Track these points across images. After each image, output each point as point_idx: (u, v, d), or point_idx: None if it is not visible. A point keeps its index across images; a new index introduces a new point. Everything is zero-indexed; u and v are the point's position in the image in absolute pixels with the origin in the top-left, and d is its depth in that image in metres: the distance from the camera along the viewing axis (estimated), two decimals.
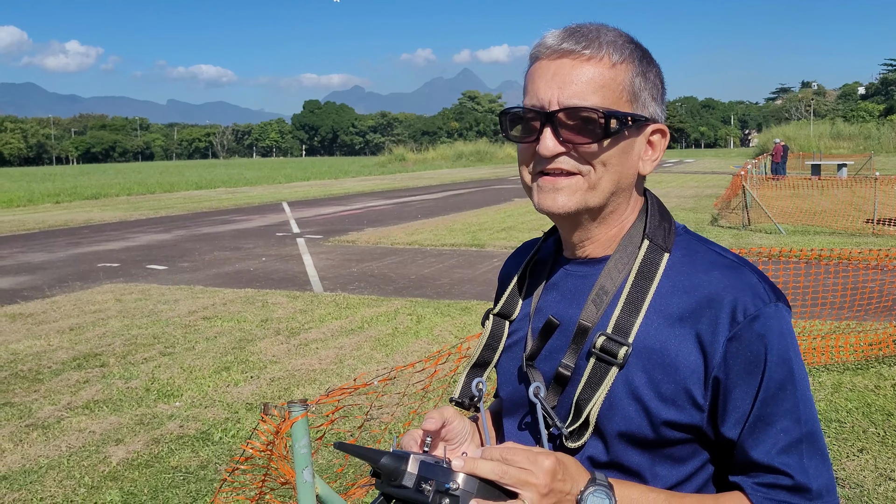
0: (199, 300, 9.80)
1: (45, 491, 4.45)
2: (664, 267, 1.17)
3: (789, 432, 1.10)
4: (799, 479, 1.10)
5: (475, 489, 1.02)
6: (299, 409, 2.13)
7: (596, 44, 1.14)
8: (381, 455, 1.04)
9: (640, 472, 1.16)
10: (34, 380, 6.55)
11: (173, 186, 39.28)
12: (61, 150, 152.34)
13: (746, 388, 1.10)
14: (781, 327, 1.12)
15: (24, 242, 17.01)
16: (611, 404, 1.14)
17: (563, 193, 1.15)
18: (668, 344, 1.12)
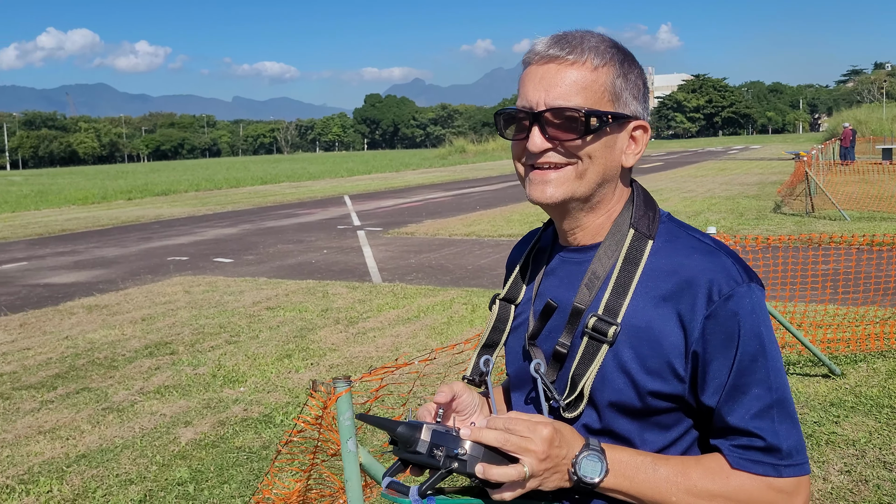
0: (262, 291, 10.16)
1: (121, 468, 4.77)
2: (648, 252, 1.30)
3: (761, 399, 1.22)
4: (770, 441, 1.21)
5: (481, 454, 1.17)
6: (343, 385, 2.32)
7: (579, 49, 1.27)
8: (397, 425, 1.20)
9: (630, 437, 1.29)
10: (109, 367, 6.94)
11: (239, 182, 40.24)
12: (132, 149, 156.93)
13: (723, 360, 1.22)
14: (753, 305, 1.23)
15: (98, 238, 17.75)
16: (602, 378, 1.27)
17: (552, 185, 1.29)
18: (652, 322, 1.25)
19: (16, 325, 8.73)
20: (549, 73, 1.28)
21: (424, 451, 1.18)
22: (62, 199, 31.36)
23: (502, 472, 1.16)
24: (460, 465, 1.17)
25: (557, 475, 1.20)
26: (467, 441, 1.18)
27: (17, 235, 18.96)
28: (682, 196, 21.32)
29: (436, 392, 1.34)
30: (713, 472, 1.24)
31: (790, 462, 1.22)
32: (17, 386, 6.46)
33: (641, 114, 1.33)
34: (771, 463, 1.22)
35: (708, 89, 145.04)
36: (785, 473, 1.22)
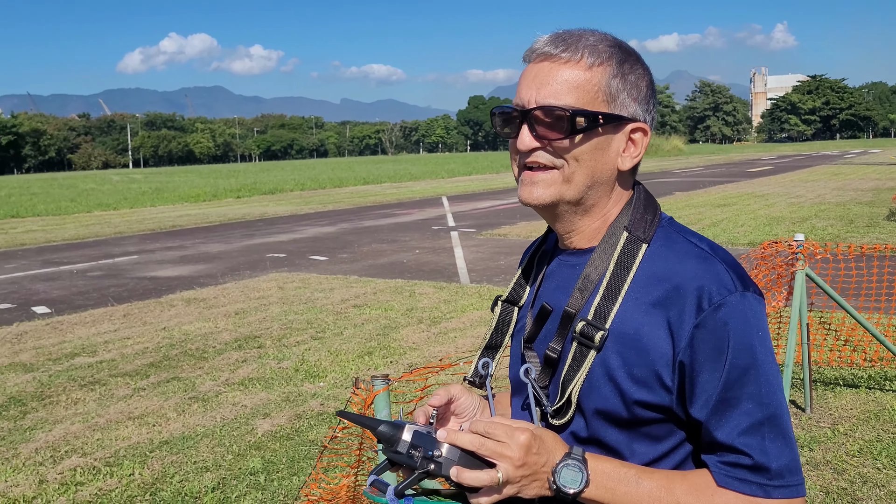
0: (352, 289, 10.36)
1: (199, 455, 4.96)
2: (642, 257, 1.25)
3: (751, 415, 1.16)
4: (758, 460, 1.15)
5: (456, 458, 1.16)
6: (381, 384, 2.35)
7: (573, 48, 1.24)
8: (378, 423, 1.21)
9: (619, 448, 1.25)
10: (200, 357, 7.23)
11: (343, 182, 41.17)
12: (245, 149, 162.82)
13: (712, 372, 1.17)
14: (745, 315, 1.17)
15: (205, 234, 18.51)
16: (590, 384, 1.24)
17: (539, 186, 1.26)
18: (641, 329, 1.21)
19: (120, 316, 9.21)
20: (543, 71, 1.26)
21: (404, 451, 1.18)
22: (176, 197, 32.86)
23: (475, 476, 1.15)
24: (436, 467, 1.17)
25: (537, 483, 1.17)
26: (444, 444, 1.17)
27: (132, 230, 19.98)
28: (790, 201, 20.48)
29: (432, 394, 1.34)
30: (698, 488, 1.18)
31: (780, 483, 1.16)
32: (114, 373, 6.81)
33: (642, 116, 1.28)
34: (758, 483, 1.16)
35: (825, 90, 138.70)
36: (774, 495, 1.15)
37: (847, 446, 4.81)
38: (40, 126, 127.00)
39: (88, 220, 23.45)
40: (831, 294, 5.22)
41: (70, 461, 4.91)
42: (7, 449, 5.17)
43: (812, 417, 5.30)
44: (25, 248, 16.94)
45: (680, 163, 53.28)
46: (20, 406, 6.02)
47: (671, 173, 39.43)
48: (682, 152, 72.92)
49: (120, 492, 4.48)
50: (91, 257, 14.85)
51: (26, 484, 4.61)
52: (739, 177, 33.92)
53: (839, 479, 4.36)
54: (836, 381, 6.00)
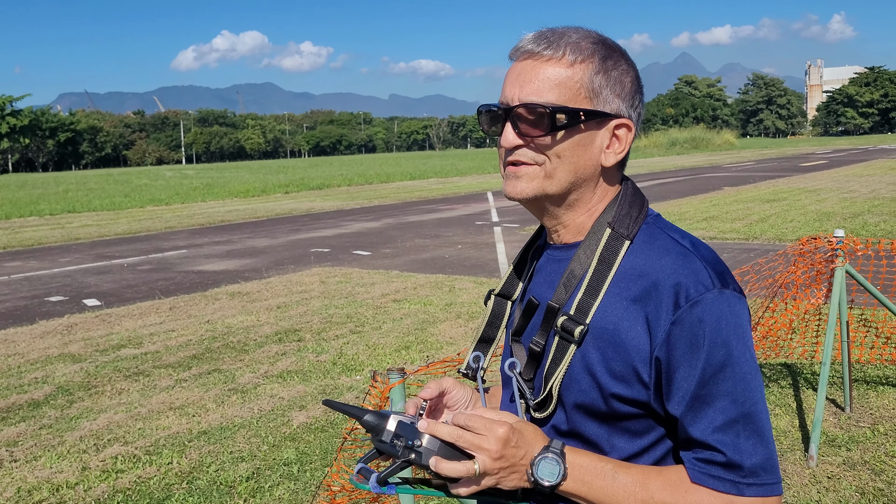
0: (392, 284, 10.44)
1: (235, 446, 5.07)
2: (624, 253, 1.26)
3: (726, 412, 1.16)
4: (732, 457, 1.15)
5: (436, 448, 1.19)
6: (397, 377, 2.39)
7: (556, 45, 1.24)
8: (364, 413, 1.24)
9: (598, 442, 1.26)
10: (241, 350, 7.37)
11: (389, 177, 41.39)
12: (294, 145, 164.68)
13: (688, 368, 1.17)
14: (722, 312, 1.17)
15: (253, 229, 18.81)
16: (570, 378, 1.25)
17: (522, 181, 1.28)
18: (620, 325, 1.21)
19: (166, 309, 9.43)
20: (526, 69, 1.27)
21: (388, 440, 1.22)
22: (226, 192, 33.41)
23: (452, 466, 1.17)
24: (416, 457, 1.20)
25: (516, 475, 1.19)
26: (425, 434, 1.20)
27: (183, 225, 20.40)
28: (842, 196, 20.00)
29: (423, 387, 1.37)
30: (673, 484, 1.19)
31: (754, 481, 1.15)
32: (158, 364, 6.99)
33: (626, 112, 1.28)
34: (731, 480, 1.15)
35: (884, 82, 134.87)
36: (746, 492, 1.15)
37: (887, 447, 4.71)
38: (97, 123, 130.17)
39: (141, 216, 24.00)
40: (872, 291, 5.11)
41: (112, 449, 5.06)
42: (53, 436, 5.35)
43: (851, 417, 5.20)
44: (80, 242, 17.43)
45: (731, 157, 52.36)
46: (67, 395, 6.22)
47: (721, 168, 38.78)
48: (734, 146, 71.59)
49: (158, 479, 4.61)
50: (141, 251, 15.22)
51: (69, 470, 4.77)
52: (792, 171, 33.21)
53: (876, 480, 4.28)
54: (879, 380, 5.87)
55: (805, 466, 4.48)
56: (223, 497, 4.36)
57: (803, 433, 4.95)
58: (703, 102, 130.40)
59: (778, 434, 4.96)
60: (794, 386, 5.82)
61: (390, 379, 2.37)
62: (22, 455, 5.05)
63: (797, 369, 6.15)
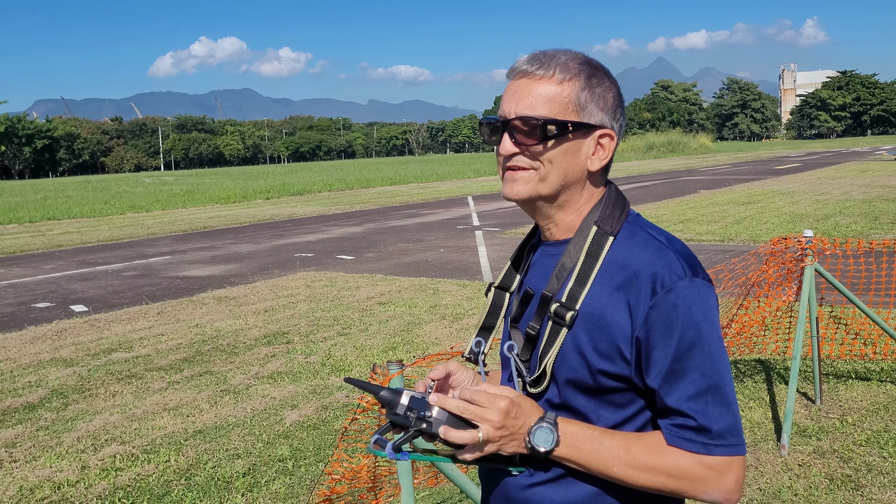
0: (377, 287, 10.61)
1: (230, 444, 5.22)
2: (608, 248, 1.46)
3: (696, 384, 1.35)
4: (702, 422, 1.34)
5: (445, 419, 1.38)
6: (396, 368, 2.58)
7: (547, 65, 1.45)
8: (380, 389, 1.43)
9: (586, 413, 1.45)
10: (231, 353, 7.52)
11: (370, 182, 41.51)
12: (274, 150, 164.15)
13: (664, 347, 1.36)
14: (692, 298, 1.36)
15: (235, 235, 18.89)
16: (562, 357, 1.44)
17: (519, 184, 1.47)
18: (605, 310, 1.41)
19: (154, 313, 9.54)
20: (521, 86, 1.46)
21: (402, 413, 1.40)
22: (207, 198, 33.39)
23: (459, 434, 1.36)
24: (427, 427, 1.38)
25: (514, 442, 1.38)
26: (435, 407, 1.39)
27: (165, 231, 20.43)
28: (815, 198, 20.42)
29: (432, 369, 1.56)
30: (652, 447, 1.38)
31: (721, 442, 1.34)
32: (150, 367, 7.12)
33: (609, 123, 1.47)
34: (702, 442, 1.35)
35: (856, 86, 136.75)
36: (714, 452, 1.34)
37: (854, 436, 4.95)
38: (74, 130, 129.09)
39: (122, 222, 23.98)
40: (840, 288, 5.36)
41: (110, 449, 5.20)
42: (51, 437, 5.48)
43: (822, 409, 5.45)
44: (62, 249, 17.43)
45: (707, 161, 52.98)
46: (62, 398, 6.34)
47: (697, 171, 39.27)
48: (710, 150, 72.37)
49: (157, 476, 4.76)
50: (125, 258, 15.27)
51: (70, 469, 4.90)
52: (766, 174, 33.74)
53: (844, 468, 4.51)
54: (849, 374, 6.13)
55: (777, 455, 4.71)
56: (221, 492, 4.52)
57: (776, 424, 5.19)
58: (680, 107, 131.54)
59: (752, 425, 5.19)
60: (768, 380, 6.06)
61: (390, 370, 2.56)
62: (21, 455, 5.17)
63: (770, 364, 6.40)
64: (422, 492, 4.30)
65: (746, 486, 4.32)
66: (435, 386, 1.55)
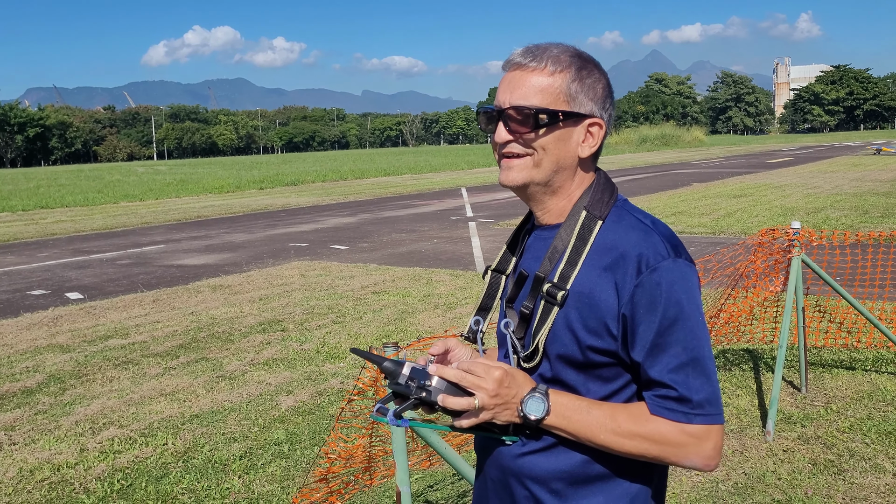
0: (371, 277, 10.70)
1: (227, 428, 5.31)
2: (597, 231, 1.55)
3: (678, 357, 1.44)
4: (682, 392, 1.44)
5: (443, 388, 1.48)
6: (392, 350, 2.66)
7: (539, 58, 1.54)
8: (384, 360, 1.53)
9: (576, 386, 1.54)
10: (227, 340, 7.60)
11: (364, 173, 41.52)
12: (267, 140, 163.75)
13: (648, 323, 1.45)
14: (674, 277, 1.46)
15: (230, 224, 18.93)
16: (553, 334, 1.53)
17: (514, 170, 1.56)
18: (594, 289, 1.50)
19: (150, 301, 9.60)
20: (515, 78, 1.56)
21: (403, 382, 1.50)
22: (200, 188, 33.38)
23: (456, 401, 1.45)
24: (427, 395, 1.48)
25: (508, 411, 1.48)
26: (434, 376, 1.48)
27: (159, 220, 20.45)
28: (806, 192, 20.57)
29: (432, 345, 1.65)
30: (636, 416, 1.48)
31: (700, 412, 1.44)
32: (146, 354, 7.20)
33: (598, 113, 1.56)
34: (682, 411, 1.44)
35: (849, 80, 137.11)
36: (694, 421, 1.44)
37: (838, 423, 5.07)
38: (66, 118, 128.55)
39: (116, 211, 23.99)
40: (826, 279, 5.47)
41: (108, 432, 5.28)
42: (49, 421, 5.55)
43: (807, 397, 5.56)
44: (56, 237, 17.45)
45: (700, 154, 53.15)
46: (59, 383, 6.42)
47: (690, 164, 39.42)
48: (703, 143, 72.57)
49: (155, 459, 4.84)
50: (119, 246, 15.31)
51: (69, 452, 4.98)
52: (759, 168, 33.90)
53: (827, 453, 4.63)
54: (834, 363, 6.25)
55: (762, 441, 4.82)
56: (218, 474, 4.60)
57: (762, 411, 5.30)
58: (674, 100, 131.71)
59: (738, 412, 5.31)
60: (755, 368, 6.17)
61: (386, 352, 2.64)
62: (20, 438, 5.25)
63: (758, 353, 6.52)
64: (415, 474, 4.40)
65: (731, 471, 4.43)
66: (435, 360, 1.64)
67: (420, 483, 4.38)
